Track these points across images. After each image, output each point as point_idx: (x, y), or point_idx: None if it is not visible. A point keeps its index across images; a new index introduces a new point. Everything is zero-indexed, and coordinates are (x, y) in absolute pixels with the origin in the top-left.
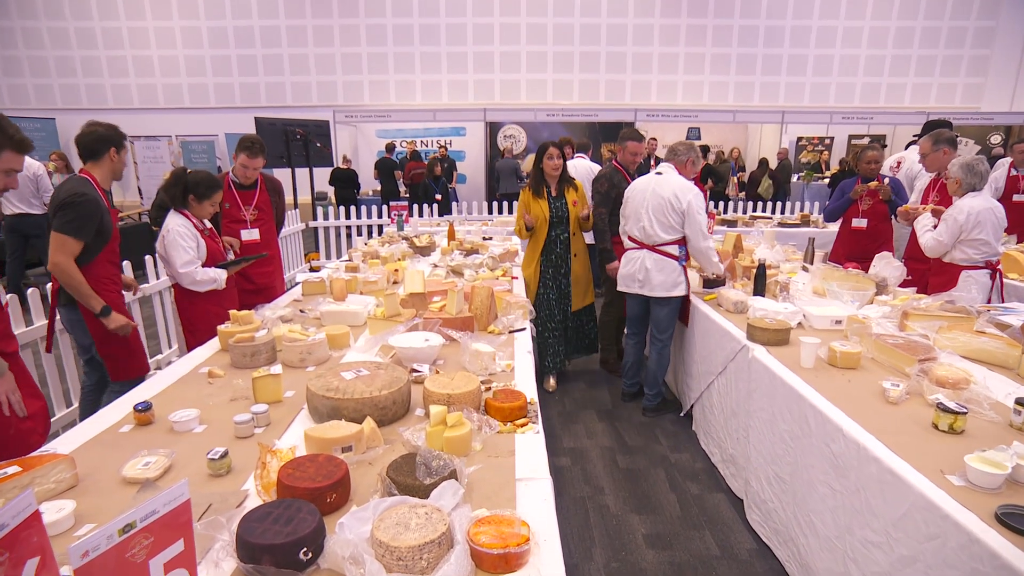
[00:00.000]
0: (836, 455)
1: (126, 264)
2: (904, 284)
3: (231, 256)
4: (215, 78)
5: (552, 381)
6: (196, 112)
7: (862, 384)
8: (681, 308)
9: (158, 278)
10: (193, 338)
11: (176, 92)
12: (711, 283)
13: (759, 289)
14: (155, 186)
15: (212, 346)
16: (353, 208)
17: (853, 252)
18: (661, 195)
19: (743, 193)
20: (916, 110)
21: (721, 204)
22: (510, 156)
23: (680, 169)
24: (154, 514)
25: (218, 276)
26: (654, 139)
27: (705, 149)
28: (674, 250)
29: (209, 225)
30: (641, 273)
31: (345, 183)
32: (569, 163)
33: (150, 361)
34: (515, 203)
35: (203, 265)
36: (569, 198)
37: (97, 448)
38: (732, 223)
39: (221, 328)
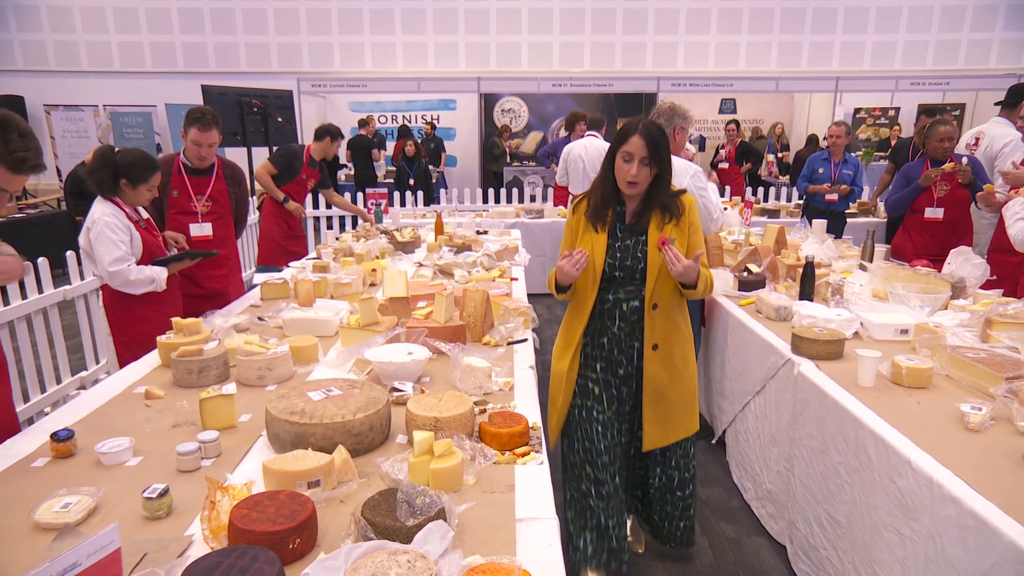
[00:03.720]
0: (904, 494)
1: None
2: (987, 285)
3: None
4: (152, 35)
5: None
6: (129, 77)
7: (934, 407)
8: (700, 311)
9: (82, 278)
10: (126, 351)
11: (103, 52)
12: (748, 285)
13: (806, 292)
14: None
15: (150, 361)
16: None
17: (928, 247)
18: None
19: (786, 176)
20: (1005, 72)
21: (761, 191)
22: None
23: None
24: (75, 567)
25: (156, 276)
26: None
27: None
28: None
29: (145, 215)
30: None
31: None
32: (579, 143)
33: (73, 378)
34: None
35: (138, 262)
36: (652, 236)
37: (2, 486)
38: (774, 213)
39: (161, 339)
